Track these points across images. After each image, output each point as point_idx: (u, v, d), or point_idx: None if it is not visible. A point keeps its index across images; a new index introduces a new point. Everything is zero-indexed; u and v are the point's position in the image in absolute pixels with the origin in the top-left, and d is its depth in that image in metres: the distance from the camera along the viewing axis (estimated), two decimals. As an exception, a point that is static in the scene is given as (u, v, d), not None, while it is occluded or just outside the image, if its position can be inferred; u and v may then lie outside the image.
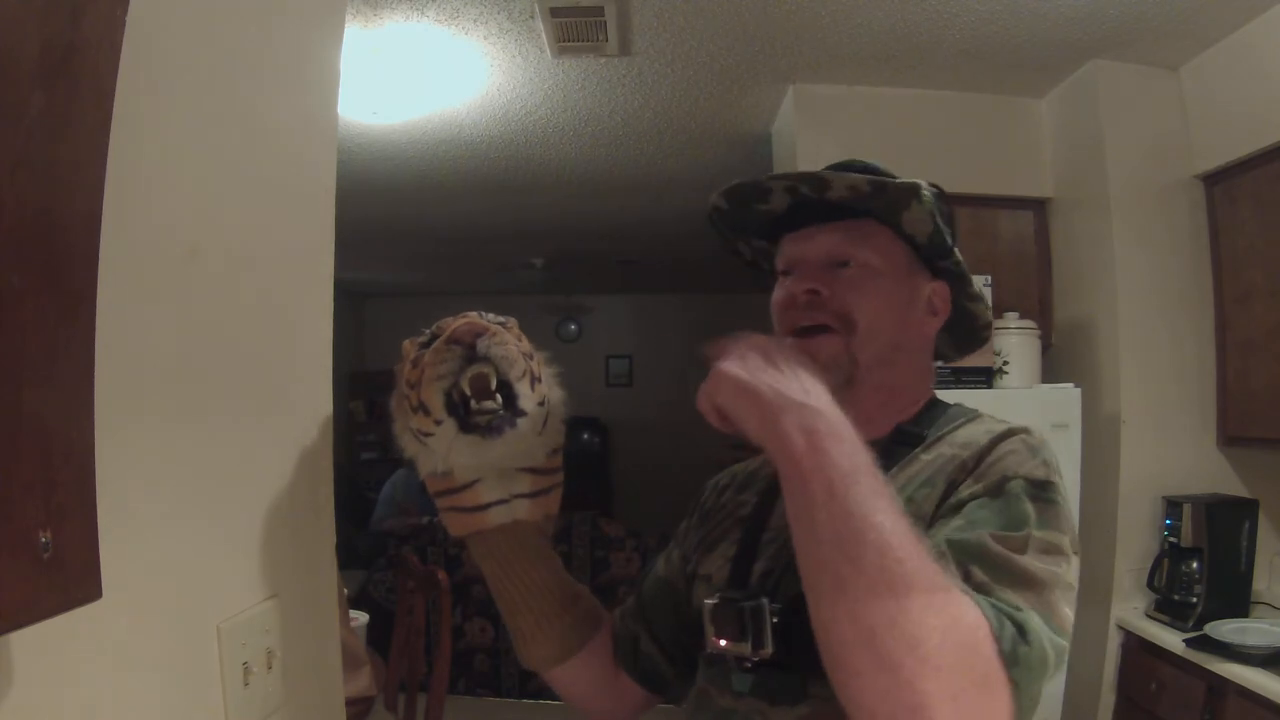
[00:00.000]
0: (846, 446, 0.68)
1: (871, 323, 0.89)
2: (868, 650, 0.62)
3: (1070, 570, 0.75)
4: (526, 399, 0.83)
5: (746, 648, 0.84)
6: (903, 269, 0.93)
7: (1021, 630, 0.66)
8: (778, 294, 0.95)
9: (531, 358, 0.86)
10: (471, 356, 0.81)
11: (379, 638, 2.93)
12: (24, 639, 0.50)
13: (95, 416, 0.54)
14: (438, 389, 0.81)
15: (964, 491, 0.79)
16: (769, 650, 0.82)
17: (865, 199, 0.89)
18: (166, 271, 0.70)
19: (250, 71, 0.83)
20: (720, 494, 1.07)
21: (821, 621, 0.65)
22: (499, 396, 0.82)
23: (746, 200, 0.96)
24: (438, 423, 0.82)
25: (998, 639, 0.64)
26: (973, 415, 0.94)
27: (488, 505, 0.90)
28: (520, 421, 0.83)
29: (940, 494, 0.82)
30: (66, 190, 0.51)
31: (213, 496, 0.76)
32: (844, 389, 0.83)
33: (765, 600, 0.83)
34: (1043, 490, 0.78)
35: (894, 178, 0.91)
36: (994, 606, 0.66)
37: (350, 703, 1.24)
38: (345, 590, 1.73)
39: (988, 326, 1.03)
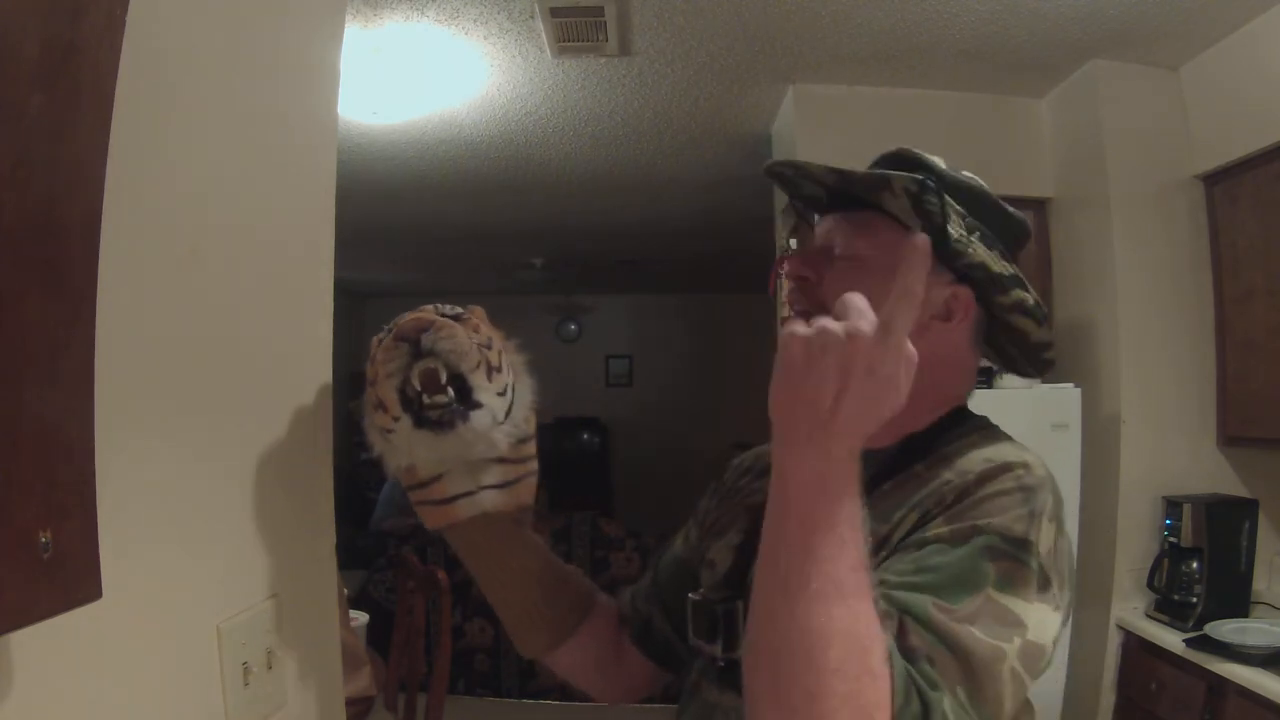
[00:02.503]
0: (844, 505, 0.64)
1: None
2: (770, 695, 0.63)
3: (1029, 634, 0.69)
4: (483, 390, 0.83)
5: (718, 649, 0.85)
6: None
7: (926, 712, 0.63)
8: None
9: (489, 347, 0.85)
10: (418, 352, 0.82)
11: (379, 638, 2.93)
12: (24, 639, 0.50)
13: (95, 416, 0.54)
14: (391, 385, 0.82)
15: (930, 531, 0.73)
16: (739, 653, 0.81)
17: (838, 188, 0.86)
18: (166, 271, 0.70)
19: (250, 71, 0.83)
20: (740, 476, 1.05)
21: (750, 631, 0.67)
22: (450, 390, 0.82)
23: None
24: (395, 419, 0.83)
25: (895, 718, 0.62)
26: (993, 434, 0.87)
27: (455, 498, 0.90)
28: (475, 414, 0.83)
29: (913, 524, 0.76)
30: (66, 190, 0.51)
31: (213, 496, 0.76)
32: None
33: (741, 603, 0.82)
34: (1015, 549, 0.71)
35: (932, 172, 0.85)
36: (909, 679, 0.63)
37: (350, 703, 1.24)
38: (345, 590, 1.73)
39: (1044, 346, 0.92)
